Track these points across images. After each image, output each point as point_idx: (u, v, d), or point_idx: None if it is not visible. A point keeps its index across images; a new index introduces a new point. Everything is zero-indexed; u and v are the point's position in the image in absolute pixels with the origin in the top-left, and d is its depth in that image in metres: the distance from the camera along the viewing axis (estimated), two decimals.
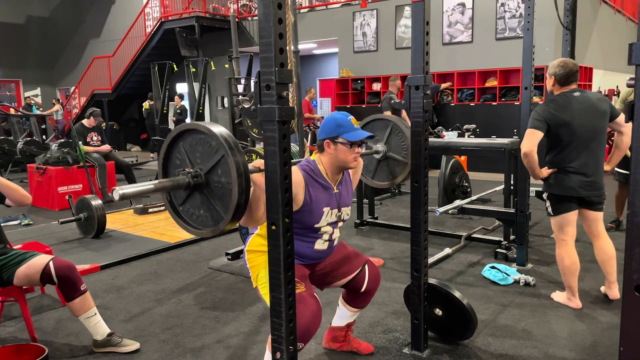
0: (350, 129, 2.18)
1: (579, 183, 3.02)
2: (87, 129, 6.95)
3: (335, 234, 2.35)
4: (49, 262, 2.64)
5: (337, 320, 2.67)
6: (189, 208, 1.83)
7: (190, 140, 1.77)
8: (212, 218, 1.76)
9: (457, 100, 9.39)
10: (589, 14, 9.67)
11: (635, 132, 1.32)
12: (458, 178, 5.96)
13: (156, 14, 13.76)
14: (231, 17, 5.93)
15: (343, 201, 2.32)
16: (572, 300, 3.20)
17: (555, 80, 3.06)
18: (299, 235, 2.20)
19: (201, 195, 1.77)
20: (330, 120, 2.22)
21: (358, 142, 2.20)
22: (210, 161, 1.71)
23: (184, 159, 1.78)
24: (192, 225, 1.82)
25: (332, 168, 2.25)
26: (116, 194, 1.56)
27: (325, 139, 2.21)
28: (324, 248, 2.32)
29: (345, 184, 2.35)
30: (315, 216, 2.20)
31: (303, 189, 2.14)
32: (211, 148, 1.70)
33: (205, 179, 1.73)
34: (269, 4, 1.55)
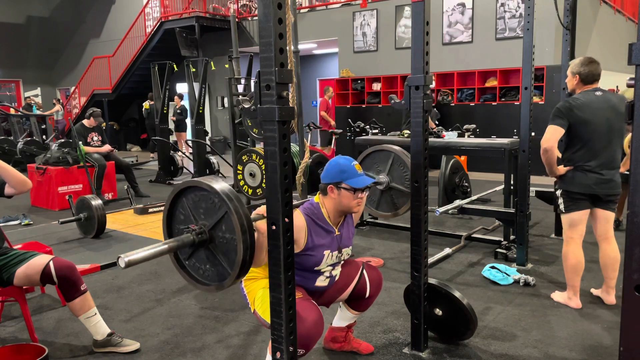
0: (353, 175, 2.20)
1: (596, 181, 3.03)
2: (88, 129, 6.95)
3: (336, 271, 2.38)
4: (49, 262, 2.64)
5: (337, 321, 2.67)
6: (195, 262, 1.85)
7: (192, 196, 1.80)
8: (218, 273, 1.78)
9: (457, 100, 9.39)
10: (589, 14, 9.67)
11: (636, 132, 1.32)
12: (458, 178, 5.96)
13: (156, 14, 13.77)
14: (231, 17, 5.93)
15: (344, 243, 2.35)
16: (572, 299, 3.20)
17: (580, 78, 3.06)
18: (300, 275, 2.23)
19: (206, 251, 1.80)
20: (334, 166, 2.24)
21: (361, 189, 2.22)
22: (214, 217, 1.73)
23: (188, 214, 1.81)
24: (198, 281, 1.85)
25: (335, 212, 2.28)
26: (122, 261, 1.56)
27: (329, 184, 2.23)
28: (324, 285, 2.36)
29: (347, 225, 2.38)
30: (316, 259, 2.23)
31: (305, 234, 2.17)
32: (214, 205, 1.73)
33: (209, 235, 1.76)
34: (269, 4, 1.55)
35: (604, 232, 3.21)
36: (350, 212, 2.29)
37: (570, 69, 3.12)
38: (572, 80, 3.12)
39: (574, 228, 3.15)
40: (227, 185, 1.73)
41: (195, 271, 1.86)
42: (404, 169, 2.82)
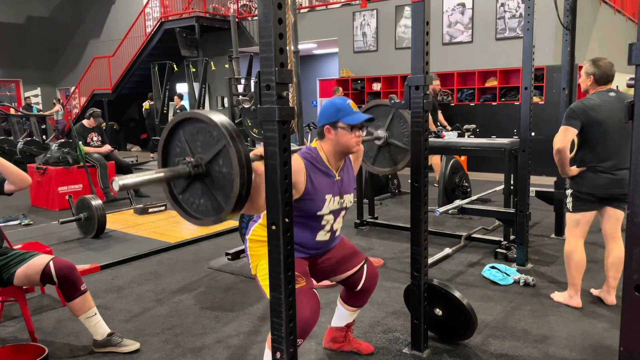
0: (349, 112, 2.16)
1: (608, 182, 3.03)
2: (87, 129, 6.95)
3: (337, 225, 2.32)
4: (49, 262, 2.64)
5: (336, 321, 2.66)
6: (189, 197, 1.79)
7: (190, 129, 1.73)
8: (213, 208, 1.73)
9: (457, 100, 9.39)
10: (589, 14, 9.67)
11: (636, 132, 1.32)
12: (458, 178, 5.96)
13: (156, 14, 13.77)
14: (231, 17, 5.93)
15: (345, 188, 2.29)
16: (573, 298, 3.20)
17: (594, 79, 3.07)
18: (301, 225, 2.18)
19: (202, 185, 1.74)
20: (329, 106, 2.19)
21: (358, 125, 2.18)
22: (211, 151, 1.68)
23: (185, 147, 1.75)
24: (192, 215, 1.80)
25: (334, 154, 2.22)
26: (115, 184, 1.53)
27: (325, 124, 2.18)
28: (325, 239, 2.30)
29: (347, 171, 2.33)
30: (317, 204, 2.17)
31: (304, 176, 2.11)
32: (212, 137, 1.67)
33: (206, 169, 1.70)
34: (269, 4, 1.55)
35: (613, 231, 3.19)
36: (349, 152, 2.23)
37: (584, 69, 3.12)
38: (586, 81, 3.12)
39: (579, 227, 3.15)
40: (227, 119, 1.67)
41: (189, 206, 1.80)
42: (403, 125, 2.78)
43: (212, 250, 4.61)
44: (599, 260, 3.84)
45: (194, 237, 4.98)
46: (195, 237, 4.97)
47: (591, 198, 3.09)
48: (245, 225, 4.15)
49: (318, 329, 2.84)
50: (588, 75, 3.09)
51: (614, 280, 3.20)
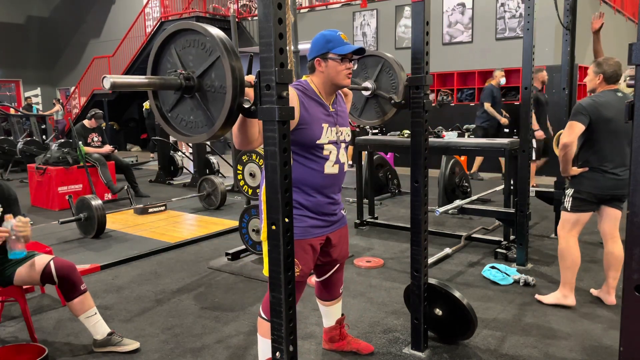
0: (340, 43, 2.13)
1: (613, 182, 3.03)
2: (88, 129, 6.95)
3: (342, 156, 2.25)
4: (49, 261, 2.64)
5: (326, 321, 2.67)
6: (178, 114, 1.76)
7: (183, 42, 1.68)
8: (203, 124, 1.69)
9: (457, 100, 9.39)
10: (589, 14, 9.65)
11: (636, 132, 1.33)
12: (458, 178, 5.96)
13: (156, 14, 13.77)
14: (231, 17, 5.93)
15: (340, 121, 2.25)
16: (568, 297, 3.19)
17: (604, 78, 3.06)
18: (305, 160, 2.13)
19: (192, 100, 1.70)
20: (319, 38, 2.16)
21: (349, 56, 2.15)
22: (204, 64, 1.64)
23: (176, 62, 1.70)
24: (181, 132, 1.76)
25: (325, 87, 2.18)
26: (107, 81, 1.49)
27: (316, 57, 2.15)
28: (334, 172, 2.20)
29: (339, 104, 2.28)
30: (314, 132, 2.11)
31: (298, 103, 2.07)
32: (205, 50, 1.63)
33: (197, 82, 1.66)
34: (269, 4, 1.55)
35: (612, 230, 3.19)
36: (340, 85, 2.19)
37: (592, 68, 3.11)
38: (594, 80, 3.10)
39: (575, 227, 3.14)
40: (222, 33, 1.64)
41: (178, 123, 1.76)
42: (392, 77, 2.74)
43: (212, 250, 4.61)
44: (599, 260, 3.85)
45: (194, 237, 4.97)
46: (195, 237, 4.97)
47: (592, 199, 3.08)
48: (245, 224, 4.15)
49: (318, 329, 2.85)
50: (597, 74, 3.08)
51: (614, 280, 3.20)
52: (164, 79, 1.67)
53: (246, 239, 4.16)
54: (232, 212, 6.13)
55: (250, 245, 4.15)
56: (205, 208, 6.41)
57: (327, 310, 2.61)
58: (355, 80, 2.83)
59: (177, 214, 6.20)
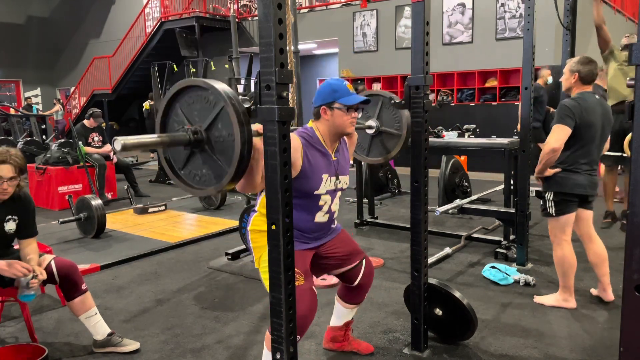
0: (345, 93, 2.17)
1: (589, 182, 3.03)
2: (88, 129, 6.95)
3: (335, 205, 2.32)
4: (50, 261, 2.64)
5: (335, 320, 2.66)
6: (191, 170, 1.79)
7: (187, 99, 1.73)
8: (215, 175, 1.72)
9: (457, 100, 9.39)
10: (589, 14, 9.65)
11: (636, 132, 1.32)
12: (458, 178, 5.96)
13: (156, 14, 13.76)
14: (231, 18, 5.94)
15: (341, 170, 2.30)
16: (569, 300, 3.18)
17: (579, 77, 3.00)
18: (300, 207, 2.17)
19: (202, 153, 1.74)
20: (325, 87, 2.20)
21: (354, 107, 2.19)
22: (210, 116, 1.68)
23: (182, 120, 1.74)
24: (195, 187, 1.80)
25: (330, 135, 2.23)
26: (118, 143, 1.54)
27: (322, 105, 2.19)
28: (324, 220, 2.30)
29: (342, 153, 2.33)
30: (314, 182, 2.18)
31: (301, 154, 2.12)
32: (209, 103, 1.67)
33: (205, 135, 1.70)
34: (269, 4, 1.55)
35: (589, 231, 3.21)
36: (345, 133, 2.24)
37: (568, 67, 3.06)
38: (569, 79, 3.04)
39: (566, 230, 3.11)
40: (224, 84, 1.68)
41: (191, 179, 1.80)
42: (393, 112, 2.78)
43: (212, 250, 4.61)
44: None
45: (194, 237, 4.97)
46: (195, 237, 4.97)
47: (574, 199, 3.07)
48: (245, 224, 4.15)
49: (318, 329, 2.85)
50: (572, 73, 3.01)
51: (606, 277, 3.22)
52: (173, 136, 1.71)
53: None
54: (232, 212, 6.13)
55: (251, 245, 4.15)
56: (205, 208, 6.41)
57: (343, 312, 2.61)
58: (359, 120, 2.87)
59: (177, 213, 6.20)
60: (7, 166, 2.49)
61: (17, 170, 2.53)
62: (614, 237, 4.68)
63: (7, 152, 2.51)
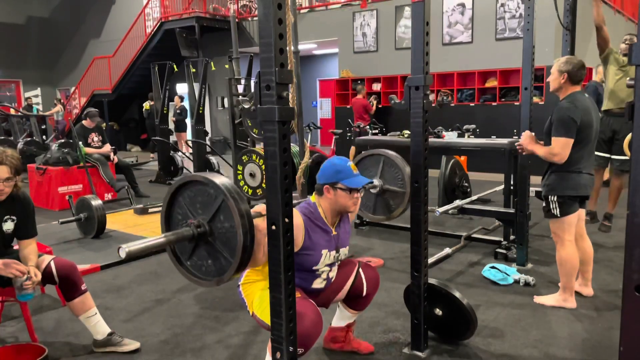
0: (349, 175, 2.22)
1: (589, 181, 3.06)
2: (88, 129, 6.94)
3: (333, 273, 2.39)
4: (50, 262, 2.64)
5: (337, 321, 2.67)
6: (197, 261, 1.86)
7: (188, 193, 1.79)
8: (220, 266, 1.78)
9: (457, 100, 9.39)
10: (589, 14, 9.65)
11: (636, 132, 1.33)
12: (458, 178, 5.96)
13: (156, 14, 13.76)
14: (231, 18, 5.93)
15: (341, 243, 2.37)
16: (569, 300, 3.19)
17: (569, 77, 2.98)
18: (297, 275, 2.20)
19: (206, 245, 1.80)
20: (329, 167, 2.25)
21: (358, 189, 2.23)
22: (211, 209, 1.74)
23: (185, 212, 1.80)
24: (201, 278, 1.87)
25: (332, 212, 2.29)
26: (122, 251, 1.57)
27: (325, 184, 2.24)
28: (321, 287, 2.37)
29: (343, 227, 2.39)
30: (314, 259, 2.24)
31: (303, 232, 2.18)
32: (210, 196, 1.73)
33: (208, 228, 1.76)
34: (269, 4, 1.55)
35: (581, 229, 3.27)
36: (347, 212, 2.31)
37: (556, 67, 3.03)
38: (558, 79, 3.02)
39: (570, 230, 3.12)
40: (225, 177, 1.74)
41: (198, 269, 1.87)
42: (395, 170, 2.82)
43: None
44: (598, 260, 3.85)
45: None
46: None
47: (575, 199, 3.08)
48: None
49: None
50: (561, 73, 3.00)
51: (589, 273, 3.33)
52: (178, 234, 1.77)
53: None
54: None
55: None
56: None
57: (346, 315, 2.63)
58: None
59: None
60: (4, 167, 2.50)
61: (13, 171, 2.54)
62: (613, 237, 4.69)
63: (3, 153, 2.52)
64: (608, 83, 4.98)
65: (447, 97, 9.43)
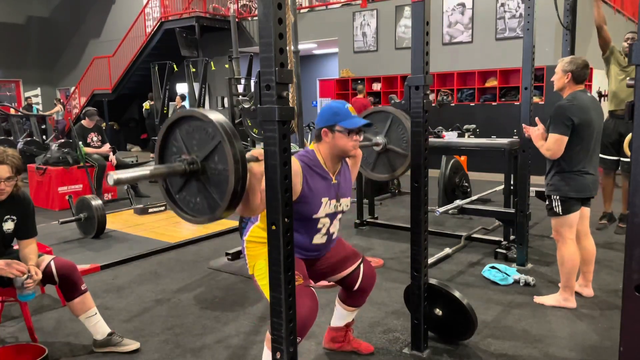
0: (347, 116, 2.17)
1: (592, 182, 3.06)
2: (87, 129, 6.92)
3: (334, 228, 2.33)
4: (49, 262, 2.64)
5: (335, 321, 2.67)
6: (186, 196, 1.80)
7: (187, 127, 1.75)
8: (209, 206, 1.74)
9: (457, 100, 9.38)
10: (589, 14, 9.65)
11: (636, 132, 1.33)
12: (458, 178, 5.96)
13: (156, 14, 13.76)
14: (231, 17, 5.93)
15: (342, 192, 2.30)
16: (569, 300, 3.19)
17: (573, 77, 3.01)
18: (298, 228, 2.17)
19: (198, 182, 1.75)
20: (327, 110, 2.21)
21: (356, 130, 2.19)
22: (207, 148, 1.69)
23: (181, 146, 1.76)
24: (188, 213, 1.81)
25: (331, 157, 2.23)
26: (110, 179, 1.54)
27: (323, 127, 2.20)
28: (322, 242, 2.31)
29: (343, 175, 2.33)
30: (313, 207, 2.18)
31: (301, 179, 2.12)
32: (207, 135, 1.69)
33: (201, 166, 1.71)
34: (269, 4, 1.55)
35: (585, 228, 3.26)
36: (346, 155, 2.24)
37: (560, 67, 3.06)
38: (562, 79, 3.05)
39: (572, 229, 3.12)
40: (224, 117, 1.69)
41: (186, 205, 1.81)
42: (402, 131, 2.77)
43: (212, 250, 4.61)
44: (598, 260, 3.84)
45: (194, 237, 4.97)
46: (195, 237, 4.97)
47: (578, 200, 3.09)
48: (244, 225, 4.15)
49: (318, 329, 2.85)
50: (565, 73, 3.03)
51: (590, 273, 3.31)
52: (169, 167, 1.72)
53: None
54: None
55: None
56: None
57: (343, 314, 2.62)
58: (366, 135, 2.85)
59: None
60: (4, 166, 2.50)
61: (14, 170, 2.54)
62: (613, 237, 4.69)
63: (4, 152, 2.52)
64: (610, 84, 4.96)
65: (447, 97, 9.43)
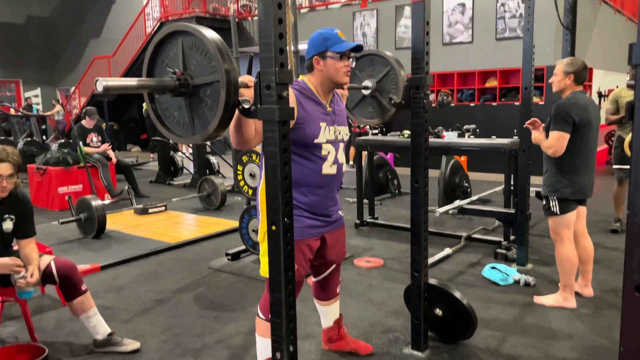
0: (338, 41, 2.13)
1: (589, 182, 3.08)
2: (87, 129, 6.93)
3: (340, 156, 2.24)
4: (50, 262, 2.65)
5: (324, 321, 2.67)
6: (167, 107, 1.78)
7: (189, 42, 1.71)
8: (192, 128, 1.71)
9: (457, 100, 9.39)
10: (589, 14, 9.67)
11: (636, 132, 1.32)
12: (458, 178, 5.96)
13: (156, 14, 13.76)
14: (231, 17, 5.93)
15: (338, 120, 2.24)
16: (569, 299, 3.19)
17: (574, 78, 3.04)
18: (303, 159, 2.12)
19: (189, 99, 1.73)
20: (316, 37, 2.15)
21: (347, 53, 2.14)
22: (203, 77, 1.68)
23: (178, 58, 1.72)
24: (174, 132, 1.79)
25: (323, 86, 2.17)
26: (100, 84, 1.51)
27: (314, 55, 2.14)
28: (332, 172, 2.19)
29: (337, 104, 2.27)
30: (312, 130, 2.10)
31: (295, 102, 2.05)
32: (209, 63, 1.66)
33: (192, 90, 1.69)
34: (269, 4, 1.55)
35: (582, 228, 3.28)
36: (339, 83, 2.17)
37: (561, 68, 3.07)
38: (564, 80, 3.06)
39: (569, 228, 3.13)
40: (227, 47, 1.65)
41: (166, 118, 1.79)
42: (393, 85, 2.72)
43: (212, 251, 4.61)
44: (598, 260, 3.84)
45: (194, 238, 4.98)
46: (195, 238, 4.97)
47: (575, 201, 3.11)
48: (245, 225, 4.15)
49: (318, 329, 2.85)
50: (567, 75, 3.04)
51: (589, 273, 3.31)
52: (160, 81, 1.68)
53: (246, 239, 4.16)
54: (232, 212, 6.12)
55: (250, 245, 4.15)
56: (205, 208, 6.41)
57: (325, 310, 2.61)
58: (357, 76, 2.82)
59: (177, 214, 6.20)
60: (6, 164, 2.52)
61: (15, 168, 2.57)
62: (613, 237, 4.69)
63: (4, 151, 2.55)
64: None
65: (447, 97, 9.43)
